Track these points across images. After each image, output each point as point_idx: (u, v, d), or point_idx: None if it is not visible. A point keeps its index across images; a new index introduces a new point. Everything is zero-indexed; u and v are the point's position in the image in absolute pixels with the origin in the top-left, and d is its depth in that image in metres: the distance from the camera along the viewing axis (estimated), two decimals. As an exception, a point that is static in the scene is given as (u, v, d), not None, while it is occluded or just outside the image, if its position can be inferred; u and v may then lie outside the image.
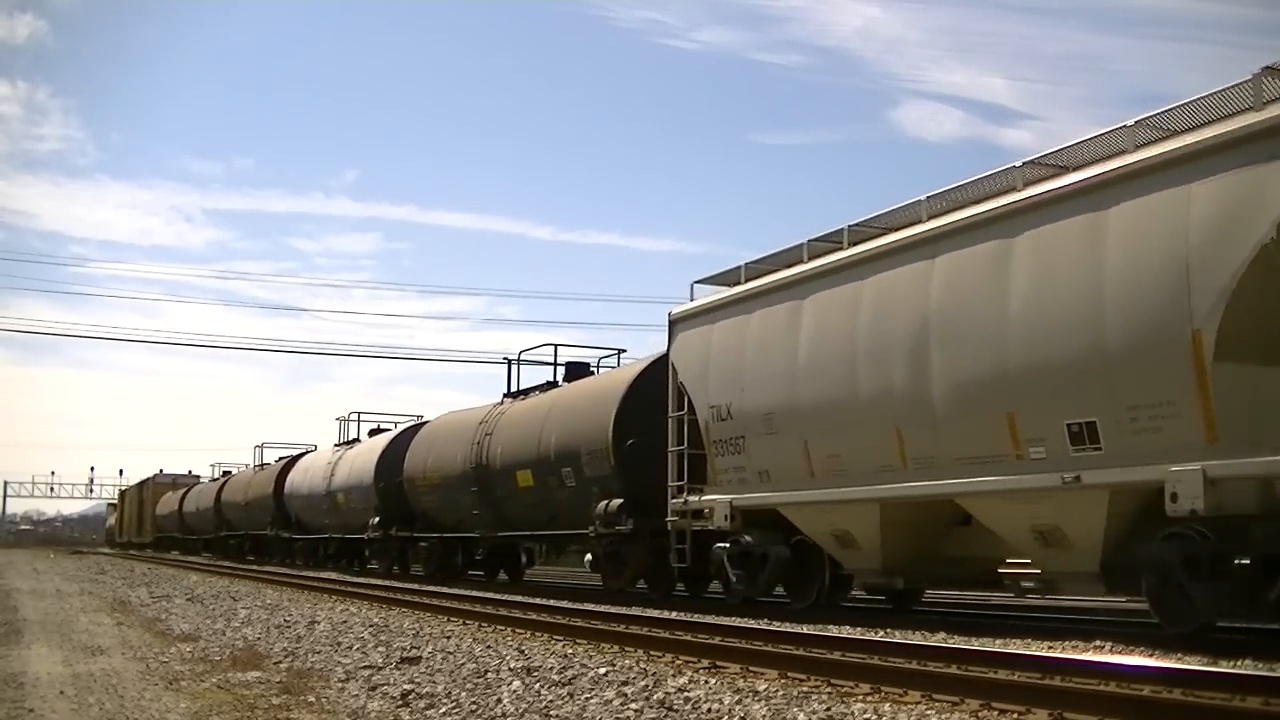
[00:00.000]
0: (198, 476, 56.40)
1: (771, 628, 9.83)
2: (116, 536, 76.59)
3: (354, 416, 32.78)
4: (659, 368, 15.56)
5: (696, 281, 14.84)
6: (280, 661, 8.86)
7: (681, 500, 14.18)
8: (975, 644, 8.21)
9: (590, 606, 12.97)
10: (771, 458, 12.74)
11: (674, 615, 11.92)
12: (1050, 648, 8.26)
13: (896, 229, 11.68)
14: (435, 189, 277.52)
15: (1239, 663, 7.24)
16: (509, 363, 20.92)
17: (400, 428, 28.05)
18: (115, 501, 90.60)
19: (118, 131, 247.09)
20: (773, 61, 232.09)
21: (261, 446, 42.05)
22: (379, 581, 21.34)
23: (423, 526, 23.26)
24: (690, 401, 14.23)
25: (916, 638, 8.99)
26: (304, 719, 6.33)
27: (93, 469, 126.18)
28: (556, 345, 20.19)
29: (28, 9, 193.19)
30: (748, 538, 13.18)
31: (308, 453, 35.46)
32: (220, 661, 8.94)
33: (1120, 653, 8.00)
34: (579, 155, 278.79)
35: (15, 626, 12.25)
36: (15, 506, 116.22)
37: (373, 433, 30.90)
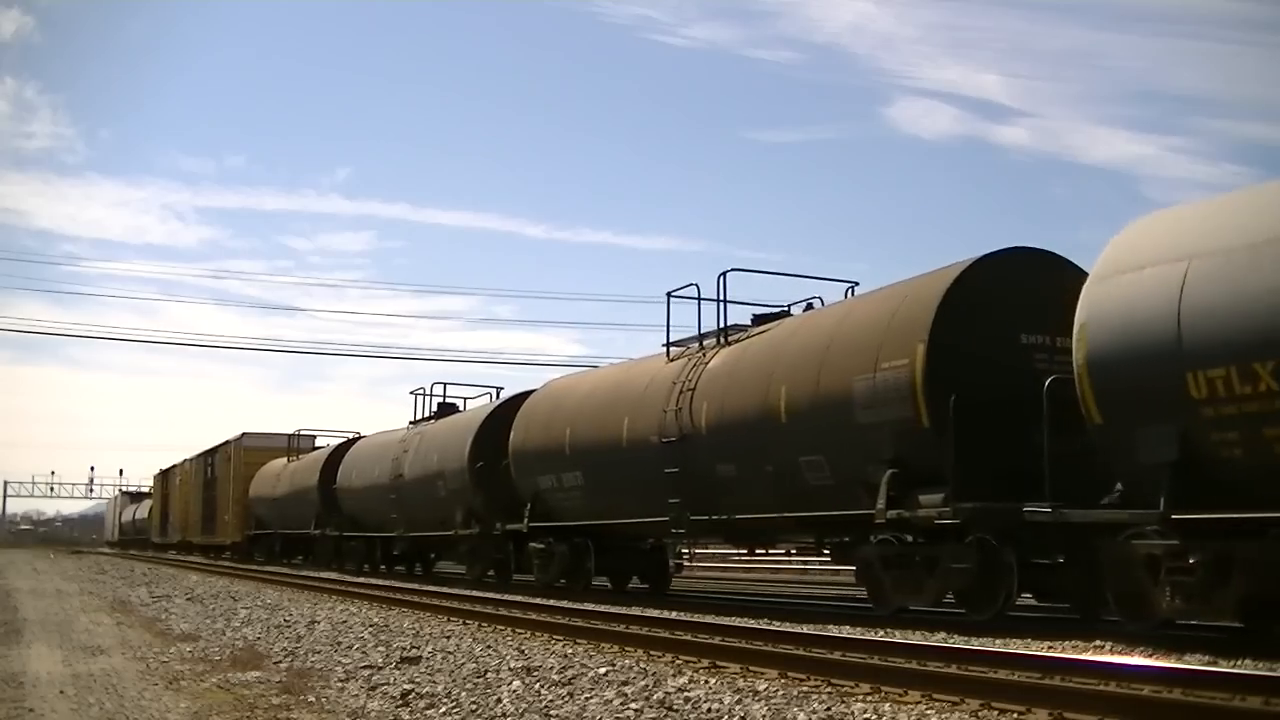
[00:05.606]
0: (310, 436, 35.50)
1: (772, 628, 9.83)
2: (155, 536, 56.44)
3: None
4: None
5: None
6: (280, 661, 8.86)
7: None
8: (975, 644, 8.20)
9: (590, 606, 12.98)
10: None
11: (674, 615, 11.92)
12: (1050, 648, 8.25)
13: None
14: (428, 187, 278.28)
15: (1239, 663, 7.24)
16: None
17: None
18: (136, 490, 79.06)
19: (107, 129, 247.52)
20: (765, 58, 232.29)
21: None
22: (379, 581, 21.43)
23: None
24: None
25: (916, 638, 8.99)
26: (304, 719, 6.33)
27: (93, 469, 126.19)
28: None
29: (14, 5, 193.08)
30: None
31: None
32: (220, 661, 8.94)
33: (1120, 653, 8.00)
34: (572, 153, 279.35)
35: (15, 626, 12.25)
36: (15, 506, 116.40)
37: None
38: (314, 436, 35.76)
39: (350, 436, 31.30)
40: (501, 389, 23.82)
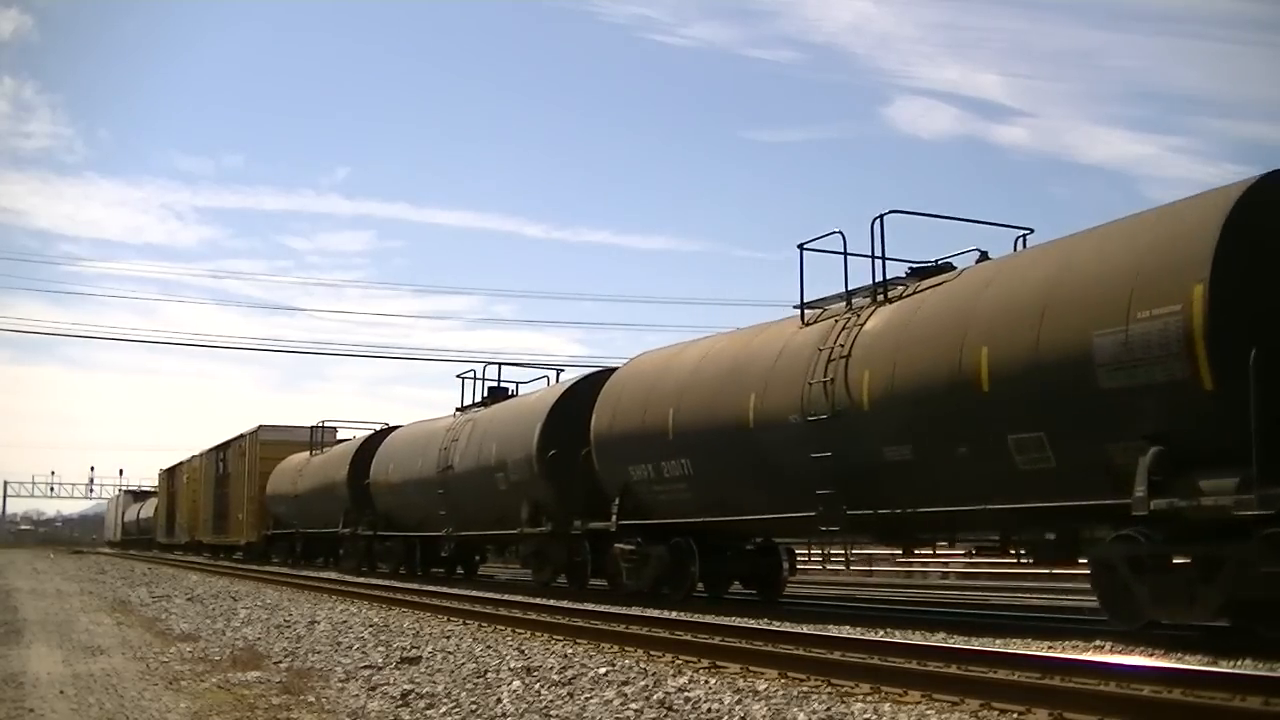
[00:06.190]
0: (330, 428, 32.98)
1: (771, 628, 9.83)
2: (160, 536, 54.86)
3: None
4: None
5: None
6: (280, 661, 8.86)
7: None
8: (975, 644, 8.20)
9: (590, 606, 12.97)
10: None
11: (674, 615, 11.92)
12: (1050, 648, 8.26)
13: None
14: (426, 186, 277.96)
15: (1239, 663, 7.25)
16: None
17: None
18: (139, 489, 76.88)
19: (106, 128, 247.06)
20: (763, 58, 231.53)
21: None
22: (379, 581, 21.36)
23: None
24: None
25: (916, 638, 9.00)
26: (304, 719, 6.33)
27: (93, 469, 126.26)
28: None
29: (12, 4, 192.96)
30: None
31: None
32: (220, 661, 8.94)
33: (1120, 653, 8.00)
34: (570, 153, 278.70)
35: (15, 626, 12.25)
36: (15, 506, 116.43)
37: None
38: (335, 429, 33.33)
39: (380, 427, 28.60)
40: (561, 370, 21.62)
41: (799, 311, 13.32)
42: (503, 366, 22.77)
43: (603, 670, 7.54)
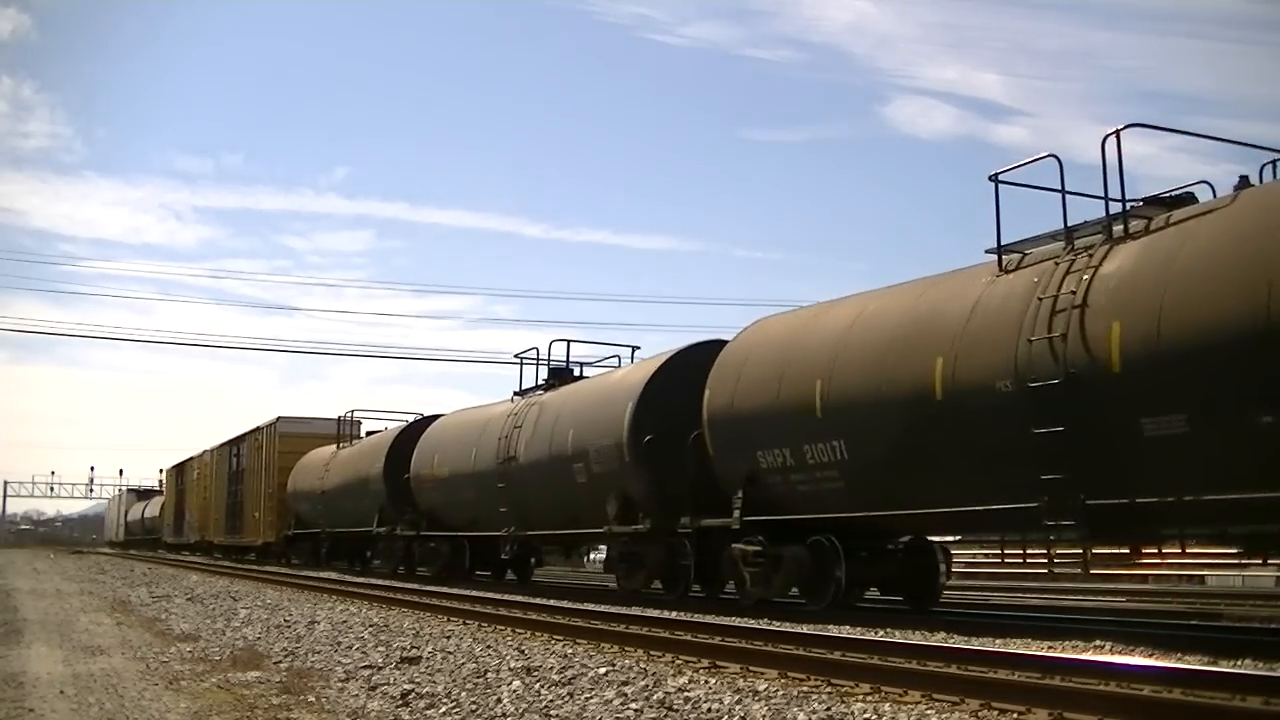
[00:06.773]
0: (353, 421, 30.43)
1: (771, 628, 9.83)
2: (167, 536, 52.86)
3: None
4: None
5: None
6: (280, 661, 8.87)
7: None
8: (975, 644, 8.20)
9: (590, 606, 12.97)
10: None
11: (674, 615, 11.92)
12: (1050, 648, 8.26)
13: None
14: (426, 186, 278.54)
15: (1239, 663, 7.25)
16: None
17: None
18: (141, 488, 74.64)
19: (104, 127, 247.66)
20: (762, 57, 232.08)
21: None
22: (379, 581, 21.29)
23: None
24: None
25: (916, 638, 8.99)
26: (304, 719, 6.33)
27: (93, 469, 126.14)
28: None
29: (11, 4, 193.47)
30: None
31: None
32: (220, 661, 8.94)
33: (1120, 653, 8.00)
34: (570, 152, 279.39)
35: (15, 626, 12.25)
36: (15, 506, 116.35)
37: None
38: (359, 421, 30.84)
39: (416, 416, 25.97)
40: (638, 348, 18.97)
41: (996, 256, 10.95)
42: (570, 345, 19.89)
43: (603, 670, 7.54)
